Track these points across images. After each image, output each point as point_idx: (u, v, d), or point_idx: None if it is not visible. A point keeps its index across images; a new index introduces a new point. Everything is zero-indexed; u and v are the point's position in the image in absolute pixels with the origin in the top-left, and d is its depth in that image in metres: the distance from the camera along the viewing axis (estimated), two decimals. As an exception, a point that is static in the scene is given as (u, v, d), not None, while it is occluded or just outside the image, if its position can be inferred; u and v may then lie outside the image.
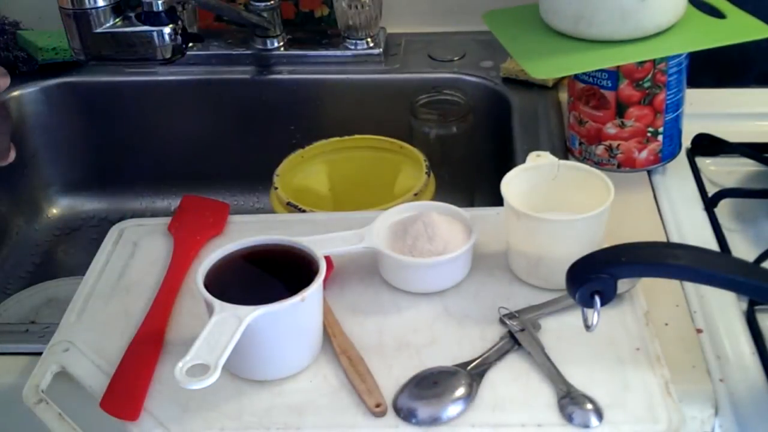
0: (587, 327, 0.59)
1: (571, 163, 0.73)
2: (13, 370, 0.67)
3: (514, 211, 0.68)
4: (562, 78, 1.02)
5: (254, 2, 1.09)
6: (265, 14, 1.09)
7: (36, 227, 1.15)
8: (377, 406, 0.59)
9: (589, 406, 0.58)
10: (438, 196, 0.85)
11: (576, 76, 0.84)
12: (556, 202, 0.71)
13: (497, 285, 0.70)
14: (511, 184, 0.70)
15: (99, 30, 0.88)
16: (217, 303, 0.60)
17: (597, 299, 0.57)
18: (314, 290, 0.61)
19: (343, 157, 0.96)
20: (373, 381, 0.61)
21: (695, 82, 0.86)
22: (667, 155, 0.85)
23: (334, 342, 0.65)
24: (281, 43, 1.12)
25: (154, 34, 0.89)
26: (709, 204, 0.80)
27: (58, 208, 1.17)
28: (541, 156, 0.73)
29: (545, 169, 0.72)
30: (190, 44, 1.10)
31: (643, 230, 0.77)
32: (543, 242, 0.67)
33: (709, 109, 0.93)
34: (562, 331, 0.65)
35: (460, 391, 0.60)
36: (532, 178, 0.72)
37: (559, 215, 0.69)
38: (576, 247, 0.64)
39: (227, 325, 0.58)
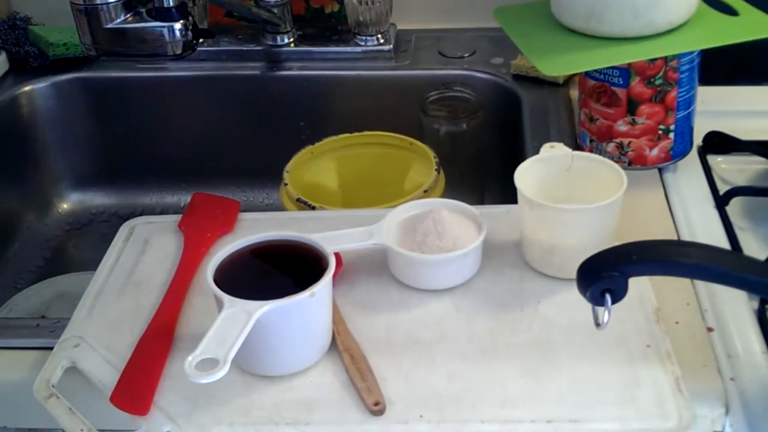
0: (597, 325, 0.59)
1: (585, 154, 0.74)
2: (23, 364, 0.68)
3: (528, 201, 0.68)
4: (573, 75, 1.01)
5: (265, -2, 1.09)
6: (275, 10, 1.09)
7: (46, 222, 1.15)
8: (376, 404, 0.59)
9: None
10: (448, 193, 0.85)
11: (587, 73, 0.84)
12: (569, 193, 0.71)
13: (507, 282, 0.70)
14: (525, 174, 0.70)
15: (110, 26, 0.89)
16: (226, 298, 0.60)
17: (608, 297, 0.57)
18: (323, 286, 0.61)
19: (353, 153, 0.95)
20: (374, 379, 0.61)
21: (707, 79, 0.85)
22: (678, 153, 0.85)
23: (338, 339, 0.65)
24: (291, 39, 1.12)
25: (165, 29, 0.89)
26: (721, 202, 0.79)
27: (68, 203, 1.17)
28: (555, 147, 0.73)
29: (559, 160, 0.72)
30: (201, 40, 1.10)
31: (654, 228, 0.77)
32: (556, 231, 0.68)
33: (721, 107, 0.93)
34: (572, 327, 0.65)
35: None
36: (546, 169, 0.72)
37: (572, 205, 0.69)
38: (589, 236, 0.64)
39: (237, 320, 0.58)
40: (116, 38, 0.89)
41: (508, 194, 0.73)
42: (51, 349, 0.66)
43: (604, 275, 0.57)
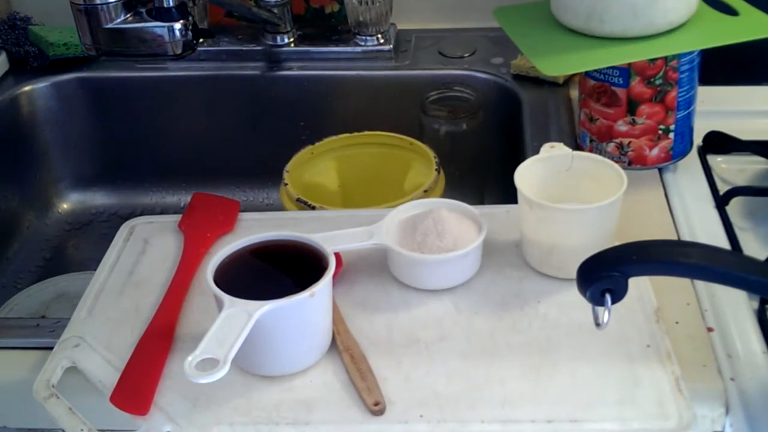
0: (598, 325, 0.59)
1: (585, 154, 0.74)
2: (24, 364, 0.68)
3: (528, 201, 0.68)
4: (573, 75, 1.01)
5: (265, -2, 1.09)
6: (275, 10, 1.09)
7: (46, 222, 1.15)
8: (376, 404, 0.59)
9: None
10: (448, 192, 0.85)
11: (587, 73, 0.84)
12: (569, 193, 0.72)
13: (507, 282, 0.70)
14: (525, 174, 0.70)
15: (110, 26, 0.89)
16: (226, 298, 0.60)
17: (608, 297, 0.57)
18: (323, 286, 0.61)
19: (353, 153, 0.95)
20: (374, 379, 0.61)
21: (707, 79, 0.85)
22: (678, 153, 0.85)
23: (338, 339, 0.65)
24: (291, 39, 1.12)
25: (165, 29, 0.89)
26: (721, 202, 0.79)
27: (68, 202, 1.17)
28: (555, 147, 0.73)
29: (559, 160, 0.72)
30: (201, 40, 1.10)
31: (654, 228, 0.77)
32: (556, 231, 0.68)
33: (721, 107, 0.93)
34: (572, 327, 0.65)
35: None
36: (546, 169, 0.72)
37: (572, 205, 0.69)
38: (589, 236, 0.64)
39: (237, 319, 0.58)
40: (116, 38, 0.89)
41: (508, 194, 0.73)
42: (51, 349, 0.66)
43: (604, 275, 0.57)
